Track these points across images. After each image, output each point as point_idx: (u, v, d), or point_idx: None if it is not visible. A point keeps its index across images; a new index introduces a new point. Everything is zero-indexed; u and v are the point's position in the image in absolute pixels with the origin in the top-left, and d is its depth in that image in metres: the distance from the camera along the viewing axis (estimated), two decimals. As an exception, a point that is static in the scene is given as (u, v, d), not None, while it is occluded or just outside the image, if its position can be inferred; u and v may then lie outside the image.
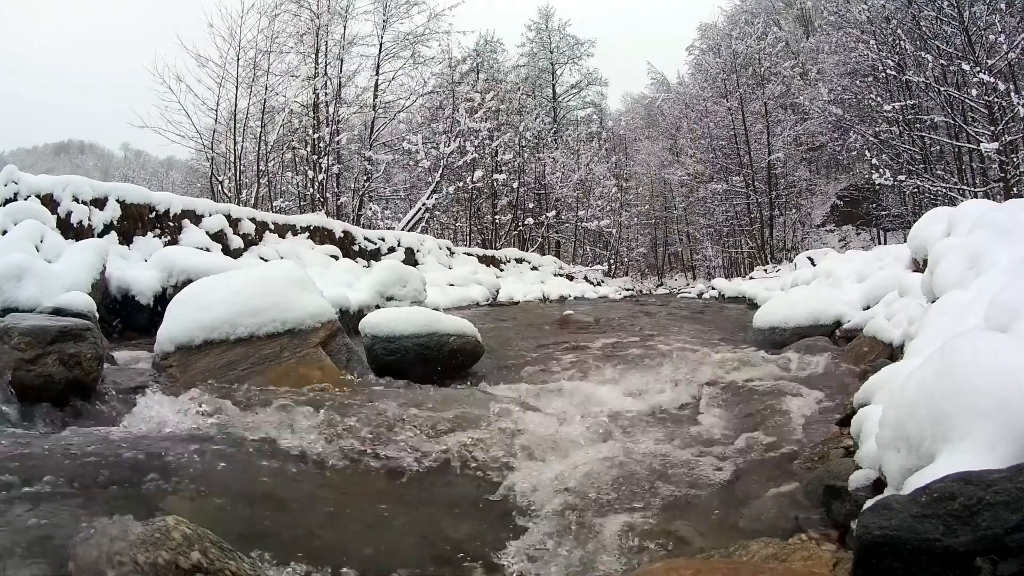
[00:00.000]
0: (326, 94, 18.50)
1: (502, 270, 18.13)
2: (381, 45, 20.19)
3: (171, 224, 8.34)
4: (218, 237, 8.93)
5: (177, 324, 3.23)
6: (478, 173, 21.87)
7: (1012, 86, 12.66)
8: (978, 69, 12.59)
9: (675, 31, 70.30)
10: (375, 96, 20.14)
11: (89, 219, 7.14)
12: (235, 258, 8.37)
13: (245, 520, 1.55)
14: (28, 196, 6.60)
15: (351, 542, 1.52)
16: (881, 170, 14.81)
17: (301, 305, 3.37)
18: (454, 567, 1.55)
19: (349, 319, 5.62)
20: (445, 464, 2.26)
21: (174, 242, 8.06)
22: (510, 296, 14.31)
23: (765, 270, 21.36)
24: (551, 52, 32.82)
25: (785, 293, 7.40)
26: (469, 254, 17.28)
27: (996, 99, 12.76)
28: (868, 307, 4.83)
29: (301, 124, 18.71)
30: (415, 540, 1.62)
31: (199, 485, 1.71)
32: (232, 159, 17.17)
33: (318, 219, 12.44)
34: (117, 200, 7.56)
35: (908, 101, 16.35)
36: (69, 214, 6.91)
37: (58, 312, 3.99)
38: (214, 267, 5.80)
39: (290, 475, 1.97)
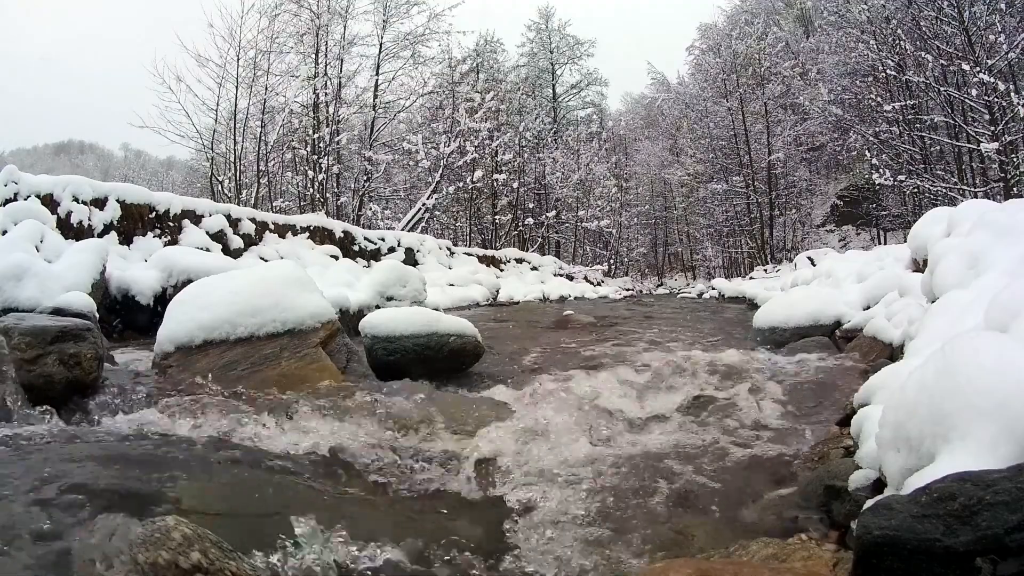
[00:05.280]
0: (326, 94, 18.51)
1: (502, 270, 18.14)
2: (381, 45, 20.24)
3: (171, 224, 8.35)
4: (218, 237, 8.94)
5: (177, 324, 3.22)
6: (478, 173, 21.89)
7: (1012, 86, 12.67)
8: (978, 69, 12.60)
9: (675, 31, 70.50)
10: (375, 96, 20.15)
11: (89, 219, 7.14)
12: (235, 258, 8.39)
13: (243, 521, 1.55)
14: (28, 196, 6.61)
15: (349, 544, 1.52)
16: (881, 170, 14.83)
17: (301, 305, 3.37)
18: (454, 569, 1.55)
19: (349, 319, 5.62)
20: (444, 466, 2.26)
21: (174, 242, 8.07)
22: (510, 296, 14.32)
23: (765, 270, 21.38)
24: (551, 52, 32.83)
25: (785, 293, 7.39)
26: (469, 254, 17.30)
27: (996, 99, 12.77)
28: (868, 307, 4.82)
29: (301, 124, 18.71)
30: (413, 541, 1.62)
31: (199, 486, 1.71)
32: (232, 159, 17.19)
33: (318, 219, 12.45)
34: (117, 200, 7.57)
35: (908, 101, 16.37)
36: (69, 214, 6.92)
37: (58, 312, 3.99)
38: (214, 267, 5.80)
39: (290, 477, 1.97)
